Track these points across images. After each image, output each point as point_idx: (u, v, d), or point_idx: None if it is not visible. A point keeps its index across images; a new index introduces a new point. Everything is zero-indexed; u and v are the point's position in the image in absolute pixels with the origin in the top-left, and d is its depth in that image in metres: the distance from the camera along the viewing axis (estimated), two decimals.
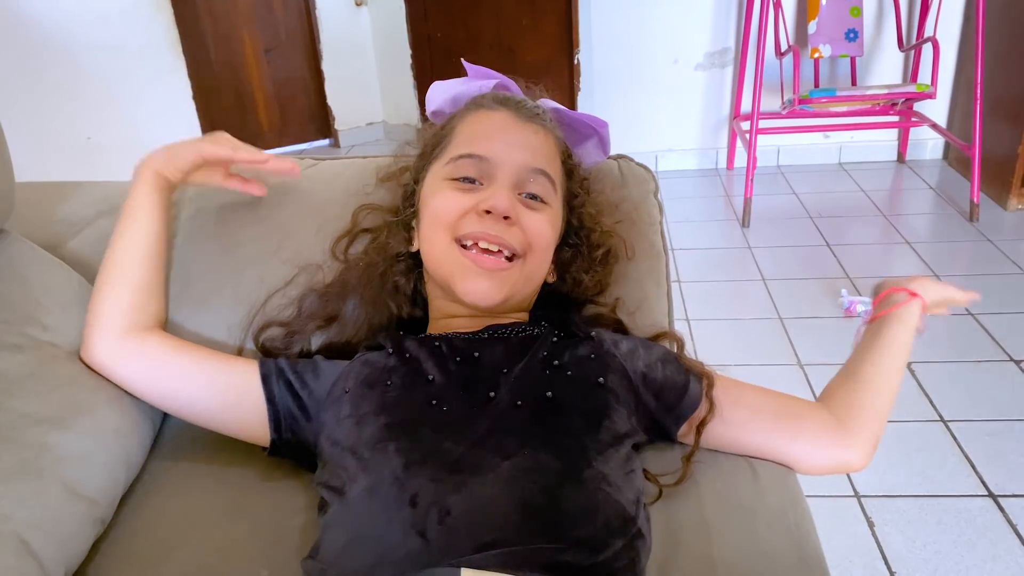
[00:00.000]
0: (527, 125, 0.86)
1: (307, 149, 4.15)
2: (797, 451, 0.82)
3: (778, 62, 3.04)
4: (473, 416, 0.71)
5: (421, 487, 0.64)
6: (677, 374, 0.83)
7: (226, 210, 1.02)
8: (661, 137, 3.51)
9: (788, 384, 1.90)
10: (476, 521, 0.62)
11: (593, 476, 0.68)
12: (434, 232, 0.83)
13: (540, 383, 0.74)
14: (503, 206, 0.79)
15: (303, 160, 1.09)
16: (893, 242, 2.70)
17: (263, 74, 3.93)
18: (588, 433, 0.71)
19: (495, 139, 0.83)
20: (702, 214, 3.08)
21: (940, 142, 3.37)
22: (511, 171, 0.82)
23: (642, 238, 1.00)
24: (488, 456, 0.66)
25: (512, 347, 0.79)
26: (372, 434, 0.70)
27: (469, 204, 0.81)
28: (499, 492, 0.64)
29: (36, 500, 0.71)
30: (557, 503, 0.65)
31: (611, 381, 0.78)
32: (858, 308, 2.19)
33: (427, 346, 0.80)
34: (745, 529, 0.79)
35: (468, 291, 0.80)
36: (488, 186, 0.82)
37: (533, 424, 0.70)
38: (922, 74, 3.12)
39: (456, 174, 0.83)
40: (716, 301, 2.38)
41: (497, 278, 0.80)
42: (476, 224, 0.80)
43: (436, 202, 0.83)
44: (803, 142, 3.39)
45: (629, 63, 3.39)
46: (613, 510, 0.67)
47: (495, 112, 0.87)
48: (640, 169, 1.07)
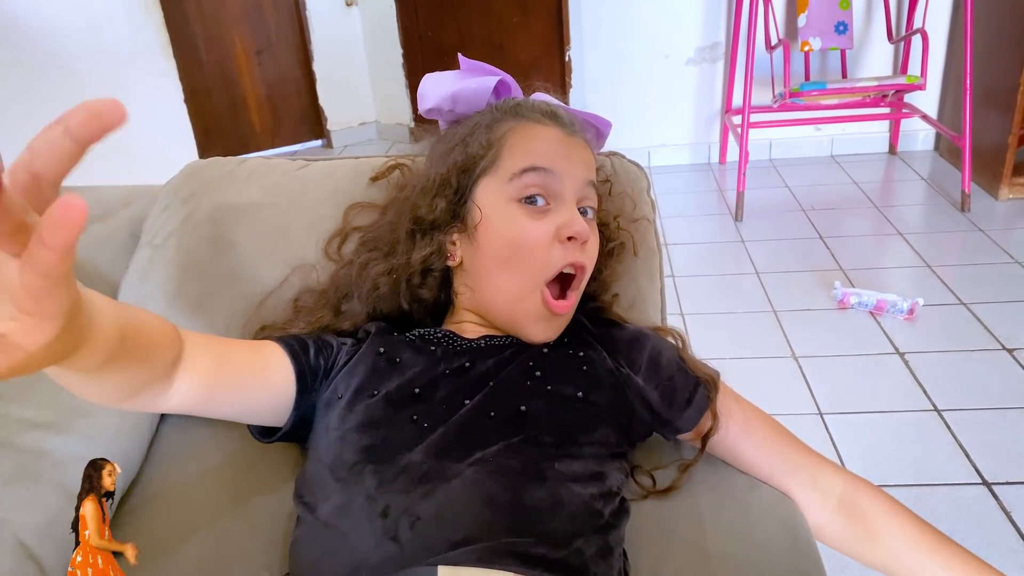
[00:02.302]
0: (575, 139, 0.84)
1: (300, 150, 4.15)
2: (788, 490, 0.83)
3: (768, 56, 3.05)
4: (446, 426, 0.71)
5: (392, 500, 0.65)
6: (682, 391, 0.82)
7: (218, 211, 1.02)
8: (653, 132, 3.52)
9: (783, 377, 1.92)
10: (446, 522, 0.63)
11: (555, 474, 0.68)
12: (514, 270, 0.79)
13: (516, 396, 0.74)
14: (586, 232, 0.78)
15: (295, 161, 1.10)
16: (886, 233, 2.71)
17: (254, 75, 3.93)
18: (556, 447, 0.71)
19: (556, 154, 0.81)
20: (695, 208, 3.09)
21: (931, 133, 3.38)
22: (575, 188, 0.80)
23: (636, 236, 1.01)
24: (453, 463, 0.67)
25: (504, 356, 0.79)
26: (351, 456, 0.70)
27: (549, 232, 0.78)
28: (466, 493, 0.65)
29: (35, 504, 0.71)
30: (521, 500, 0.65)
31: (595, 396, 0.77)
32: (851, 300, 2.20)
33: (421, 352, 0.80)
34: (739, 520, 0.79)
35: (537, 334, 0.80)
36: (557, 207, 0.80)
37: (501, 435, 0.70)
38: (912, 66, 3.14)
39: (523, 193, 0.79)
40: (710, 295, 2.39)
41: (564, 321, 0.81)
42: (560, 256, 0.78)
43: (518, 232, 0.78)
44: (795, 135, 3.41)
45: (620, 59, 3.40)
46: (579, 502, 0.67)
47: (546, 127, 0.83)
48: (632, 166, 1.08)
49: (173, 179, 1.10)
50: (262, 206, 1.02)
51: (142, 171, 2.26)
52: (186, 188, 1.07)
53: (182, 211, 1.04)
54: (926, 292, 2.22)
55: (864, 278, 2.38)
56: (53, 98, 2.14)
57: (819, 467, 0.81)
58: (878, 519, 0.76)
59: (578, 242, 0.78)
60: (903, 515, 0.76)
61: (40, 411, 0.77)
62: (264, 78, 3.96)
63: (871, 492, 0.78)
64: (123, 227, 1.08)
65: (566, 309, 0.80)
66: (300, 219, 1.00)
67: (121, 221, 1.09)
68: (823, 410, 1.79)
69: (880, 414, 1.77)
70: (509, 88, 0.92)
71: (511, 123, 0.84)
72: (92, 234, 1.06)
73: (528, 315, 0.79)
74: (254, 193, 1.04)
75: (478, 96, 0.89)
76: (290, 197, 1.03)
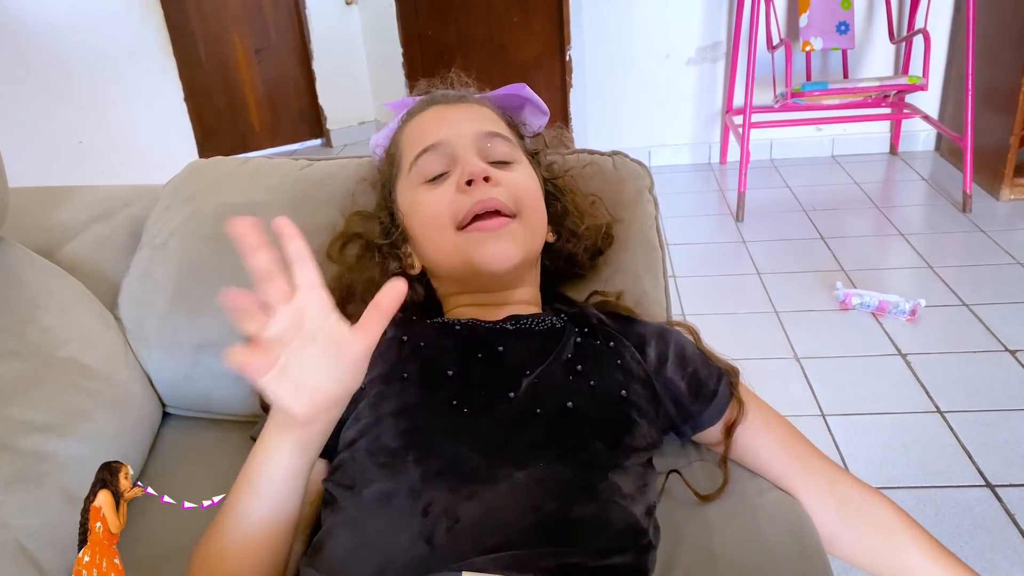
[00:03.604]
0: (458, 106, 0.88)
1: (299, 149, 4.14)
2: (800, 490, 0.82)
3: (770, 56, 3.05)
4: (491, 420, 0.70)
5: (435, 498, 0.63)
6: (706, 384, 0.82)
7: (221, 211, 1.02)
8: (654, 132, 3.51)
9: (785, 378, 1.91)
10: (486, 527, 0.62)
11: (607, 488, 0.67)
12: (434, 234, 0.82)
13: (561, 391, 0.73)
14: (478, 168, 0.79)
15: (298, 161, 1.09)
16: (887, 234, 2.71)
17: (254, 74, 3.92)
18: (606, 449, 0.70)
19: (438, 127, 0.85)
20: (696, 209, 3.08)
21: (932, 133, 3.38)
22: (468, 143, 0.83)
23: (638, 234, 1.00)
24: (504, 466, 0.66)
25: (535, 344, 0.78)
26: (390, 439, 0.69)
27: (450, 191, 0.80)
28: (511, 500, 0.63)
29: (36, 508, 0.71)
30: (569, 513, 0.64)
31: (633, 393, 0.76)
32: (853, 301, 2.19)
33: (446, 333, 0.79)
34: (746, 523, 0.79)
35: (487, 259, 0.78)
36: (454, 168, 0.82)
37: (550, 435, 0.69)
38: (913, 66, 3.13)
39: (424, 175, 0.83)
40: (711, 296, 2.38)
41: (507, 236, 0.79)
42: (465, 201, 0.79)
43: (421, 209, 0.83)
44: (796, 135, 3.40)
45: (621, 59, 3.40)
46: (625, 522, 0.66)
47: (426, 111, 0.89)
48: (634, 165, 1.07)
49: (175, 178, 1.09)
50: (265, 206, 1.01)
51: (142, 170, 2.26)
52: (188, 188, 1.06)
53: (184, 211, 1.03)
54: (928, 293, 2.21)
55: (865, 279, 2.38)
56: (53, 96, 2.13)
57: (835, 473, 0.81)
58: (895, 530, 0.76)
59: (478, 182, 0.79)
60: (917, 528, 0.76)
61: (41, 413, 0.77)
62: (263, 77, 3.95)
63: (887, 503, 0.78)
64: (124, 227, 1.08)
65: (496, 224, 0.79)
66: (303, 220, 0.98)
67: (122, 221, 1.08)
68: (825, 411, 1.78)
69: (883, 415, 1.76)
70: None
71: (402, 128, 0.90)
72: (93, 234, 1.05)
73: (467, 250, 0.79)
74: (257, 193, 1.03)
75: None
76: (294, 197, 1.02)
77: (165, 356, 0.97)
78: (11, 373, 0.78)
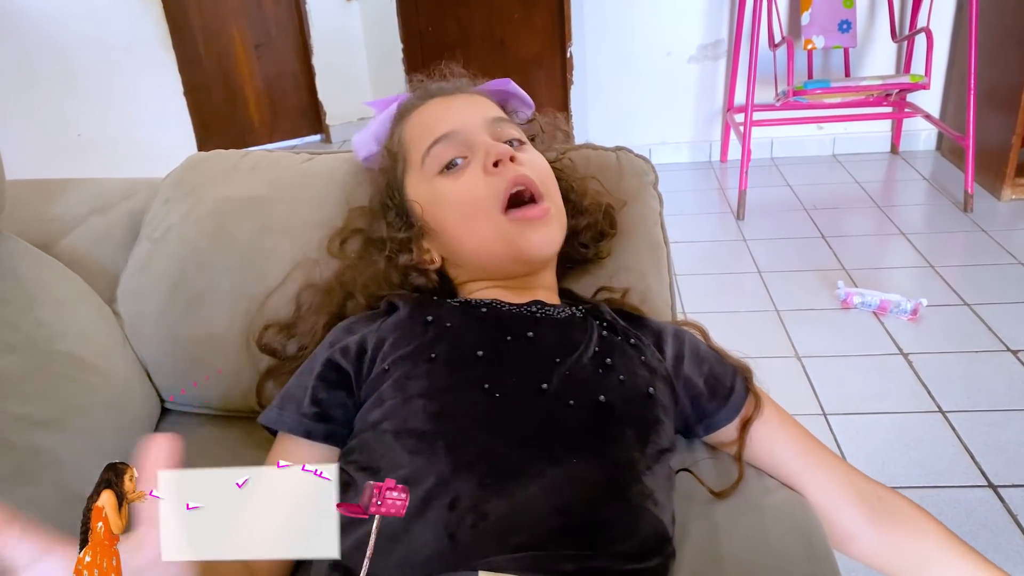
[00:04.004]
0: (459, 96, 0.88)
1: (298, 145, 4.13)
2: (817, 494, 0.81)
3: (771, 54, 3.04)
4: (524, 410, 0.68)
5: (464, 491, 0.62)
6: (722, 382, 0.81)
7: (221, 205, 1.00)
8: (654, 130, 3.50)
9: (786, 377, 1.90)
10: (510, 525, 0.60)
11: (639, 493, 0.66)
12: (475, 220, 0.80)
13: (593, 385, 0.72)
14: (503, 149, 0.79)
15: (298, 155, 1.08)
16: (888, 233, 2.70)
17: (253, 69, 3.90)
18: (638, 447, 0.69)
19: (445, 117, 0.84)
20: (696, 207, 3.07)
21: (933, 132, 3.37)
22: (481, 128, 0.82)
23: (643, 230, 1.00)
24: (535, 460, 0.64)
25: (563, 332, 0.76)
26: (421, 422, 0.67)
27: (478, 174, 0.79)
28: (540, 499, 0.62)
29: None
30: (599, 517, 0.63)
31: (658, 391, 0.75)
32: (855, 300, 2.18)
33: (471, 314, 0.77)
34: (753, 524, 0.78)
35: (535, 246, 0.79)
36: (472, 153, 0.81)
37: (584, 430, 0.68)
38: (915, 64, 3.12)
39: (438, 164, 0.81)
40: (712, 294, 2.37)
41: (549, 223, 0.80)
42: (499, 180, 0.78)
43: (453, 197, 0.81)
44: (797, 134, 3.39)
45: (622, 56, 3.38)
46: (653, 528, 0.65)
47: (427, 104, 0.88)
48: (639, 160, 1.06)
49: (174, 171, 1.08)
50: (265, 200, 1.00)
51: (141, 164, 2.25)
52: (188, 181, 1.05)
53: (184, 204, 1.02)
54: (929, 292, 2.21)
55: (867, 278, 2.37)
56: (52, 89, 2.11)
57: (851, 471, 0.80)
58: (918, 527, 0.75)
59: (505, 162, 0.79)
60: (939, 524, 0.75)
61: (39, 407, 0.75)
62: (263, 72, 3.93)
63: (905, 499, 0.77)
64: (122, 220, 1.06)
65: (541, 213, 0.79)
66: (304, 214, 0.98)
67: (120, 214, 1.07)
68: (827, 411, 1.78)
69: (884, 415, 1.76)
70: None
71: (401, 124, 0.89)
72: (91, 227, 1.04)
73: (514, 238, 0.79)
74: (257, 187, 1.02)
75: (389, 122, 0.93)
76: (294, 192, 1.01)
77: (163, 351, 0.96)
78: (7, 367, 0.76)
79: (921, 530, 0.75)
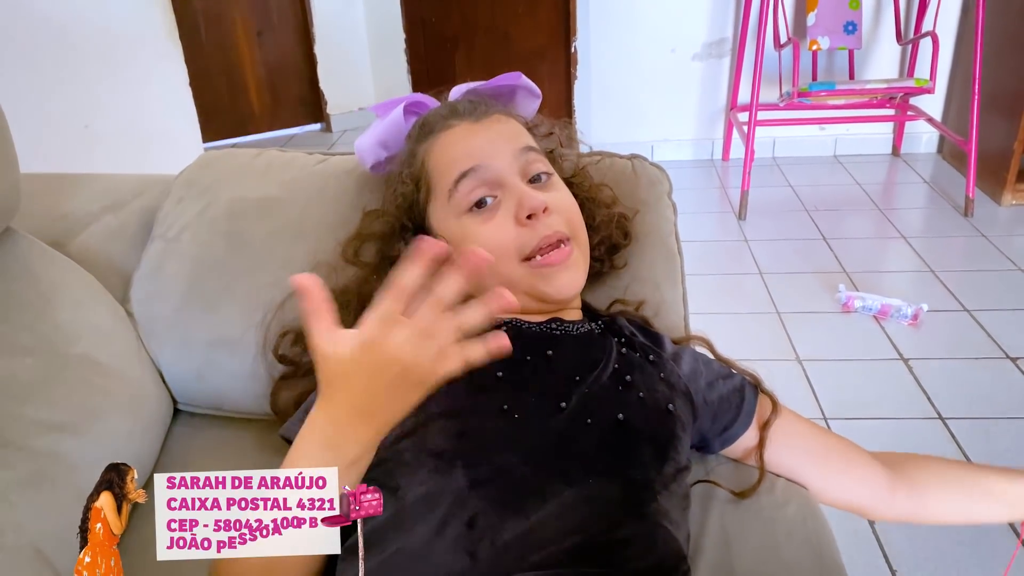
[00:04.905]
0: (486, 121, 0.85)
1: (298, 133, 4.11)
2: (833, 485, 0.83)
3: (776, 54, 3.03)
4: (542, 430, 0.68)
5: (481, 509, 0.62)
6: (733, 393, 0.83)
7: (235, 206, 1.00)
8: (657, 127, 3.49)
9: (787, 380, 1.91)
10: (528, 544, 0.61)
11: (656, 511, 0.66)
12: (498, 266, 0.78)
13: (612, 403, 0.72)
14: (537, 203, 0.77)
15: (312, 155, 1.07)
16: (888, 236, 2.71)
17: (255, 57, 3.88)
18: (655, 465, 0.69)
19: (474, 147, 0.82)
20: (698, 206, 3.07)
21: (935, 136, 3.37)
22: (509, 164, 0.80)
23: (657, 240, 1.00)
24: (553, 480, 0.65)
25: (582, 351, 0.77)
26: (439, 441, 0.67)
27: (507, 223, 0.78)
28: (558, 518, 0.63)
29: (51, 509, 0.70)
30: (616, 535, 0.63)
31: (678, 407, 0.76)
32: (855, 304, 2.19)
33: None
34: (764, 538, 0.79)
35: (557, 290, 0.79)
36: (505, 194, 0.79)
37: (601, 449, 0.68)
38: (919, 68, 3.12)
39: (467, 202, 0.80)
40: (712, 294, 2.37)
41: (572, 265, 0.80)
42: (532, 235, 0.78)
43: (479, 242, 0.78)
44: (799, 134, 3.39)
45: (626, 51, 3.37)
46: (670, 548, 0.66)
47: (453, 128, 0.84)
48: (654, 169, 1.06)
49: (187, 170, 1.08)
50: (280, 202, 0.99)
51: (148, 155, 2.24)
52: (201, 180, 1.04)
53: (197, 204, 1.01)
54: (929, 297, 2.22)
55: (867, 281, 2.38)
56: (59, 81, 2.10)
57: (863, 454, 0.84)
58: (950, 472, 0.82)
59: (538, 215, 0.78)
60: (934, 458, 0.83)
61: (56, 412, 0.75)
62: (264, 60, 3.91)
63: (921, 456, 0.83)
64: (135, 218, 1.06)
65: (564, 256, 0.79)
66: (319, 217, 0.98)
67: (133, 212, 1.07)
68: (827, 415, 1.79)
69: (884, 420, 1.77)
70: (422, 105, 0.93)
71: (425, 144, 0.85)
72: (104, 225, 1.04)
73: (536, 284, 0.79)
74: (272, 188, 1.01)
75: (396, 127, 0.91)
76: (309, 193, 1.00)
77: (177, 353, 0.95)
78: (25, 371, 0.76)
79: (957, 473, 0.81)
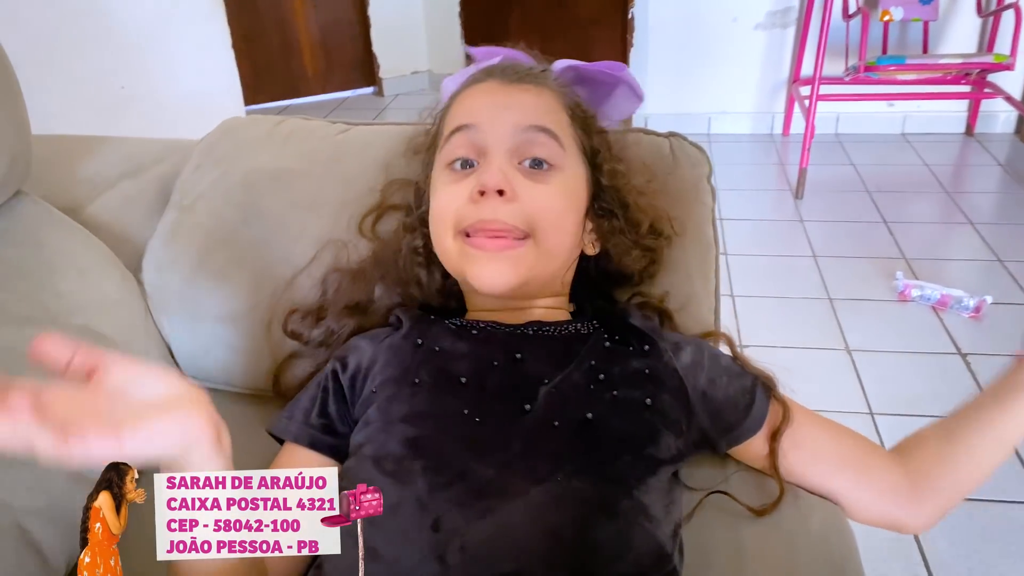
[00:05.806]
0: (517, 86, 0.78)
1: (350, 96, 4.09)
2: (853, 500, 0.76)
3: (844, 24, 2.88)
4: (506, 433, 0.66)
5: (445, 512, 0.60)
6: (742, 394, 0.76)
7: (250, 176, 0.97)
8: (715, 99, 3.37)
9: (833, 370, 1.83)
10: (499, 549, 0.59)
11: (631, 509, 0.63)
12: (438, 230, 0.77)
13: (581, 402, 0.68)
14: (493, 181, 0.71)
15: (335, 124, 1.03)
16: (955, 222, 2.57)
17: (309, 18, 3.86)
18: (629, 461, 0.66)
19: (483, 107, 0.76)
20: (753, 182, 2.96)
21: (1013, 115, 3.18)
22: (503, 136, 0.74)
23: (693, 228, 0.92)
24: (518, 480, 0.62)
25: (556, 351, 0.73)
26: (397, 446, 0.66)
27: (465, 192, 0.73)
28: (527, 520, 0.60)
29: (37, 488, 0.68)
30: (588, 537, 0.60)
31: (662, 402, 0.71)
32: (913, 292, 2.08)
33: (463, 337, 0.74)
34: (783, 555, 0.73)
35: (481, 278, 0.73)
36: (483, 164, 0.74)
37: (569, 447, 0.65)
38: (999, 43, 2.93)
39: (451, 157, 0.76)
40: (763, 276, 2.28)
41: (508, 259, 0.72)
42: (473, 212, 0.72)
43: (436, 199, 0.77)
44: (865, 110, 3.23)
45: (685, 19, 3.25)
46: (648, 547, 0.62)
47: (483, 82, 0.79)
48: (694, 150, 0.98)
49: (208, 136, 1.05)
50: (296, 174, 0.96)
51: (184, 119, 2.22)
52: (219, 148, 1.02)
53: (214, 172, 0.99)
54: (994, 289, 2.09)
55: (928, 269, 2.26)
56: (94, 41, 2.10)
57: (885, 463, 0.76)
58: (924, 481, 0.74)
59: (491, 195, 0.71)
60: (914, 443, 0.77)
61: None
62: (319, 21, 3.89)
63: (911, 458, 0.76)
64: (154, 185, 1.04)
65: (497, 247, 0.71)
66: (334, 191, 0.94)
67: (152, 178, 1.05)
68: (874, 410, 1.70)
69: (935, 419, 1.67)
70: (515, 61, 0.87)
71: (456, 93, 0.81)
72: (121, 191, 1.02)
73: (464, 262, 0.73)
74: (289, 159, 0.98)
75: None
76: (326, 166, 0.96)
77: (186, 326, 0.94)
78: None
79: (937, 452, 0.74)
